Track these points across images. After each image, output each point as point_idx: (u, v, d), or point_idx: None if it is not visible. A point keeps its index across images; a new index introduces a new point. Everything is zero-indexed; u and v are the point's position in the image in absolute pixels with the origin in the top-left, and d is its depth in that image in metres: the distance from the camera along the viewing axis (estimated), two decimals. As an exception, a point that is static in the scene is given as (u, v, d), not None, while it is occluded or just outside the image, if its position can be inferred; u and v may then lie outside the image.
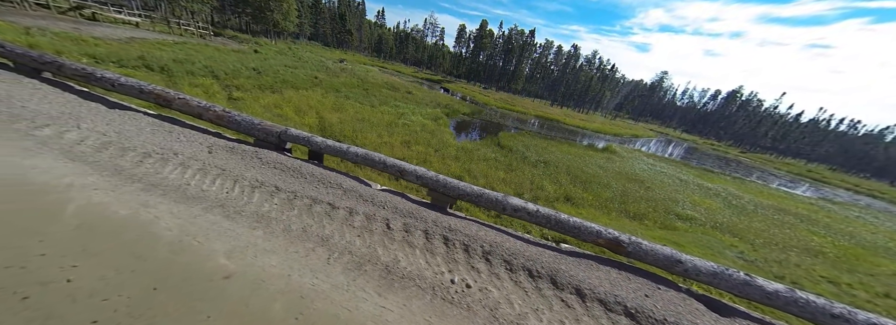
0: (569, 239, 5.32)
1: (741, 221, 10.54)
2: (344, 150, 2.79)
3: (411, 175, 2.57)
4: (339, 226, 2.02)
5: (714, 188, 16.21)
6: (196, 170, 2.30)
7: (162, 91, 2.98)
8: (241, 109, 11.67)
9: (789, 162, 59.39)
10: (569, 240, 6.08)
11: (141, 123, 2.77)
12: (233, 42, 30.84)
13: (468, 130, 23.25)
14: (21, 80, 2.82)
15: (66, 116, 2.47)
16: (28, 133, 2.13)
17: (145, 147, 2.39)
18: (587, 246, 5.35)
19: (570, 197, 10.71)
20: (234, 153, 2.67)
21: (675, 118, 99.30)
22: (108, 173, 1.98)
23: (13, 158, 1.81)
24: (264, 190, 2.26)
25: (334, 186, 2.48)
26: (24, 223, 1.40)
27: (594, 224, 2.05)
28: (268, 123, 3.00)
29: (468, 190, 2.39)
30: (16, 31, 10.78)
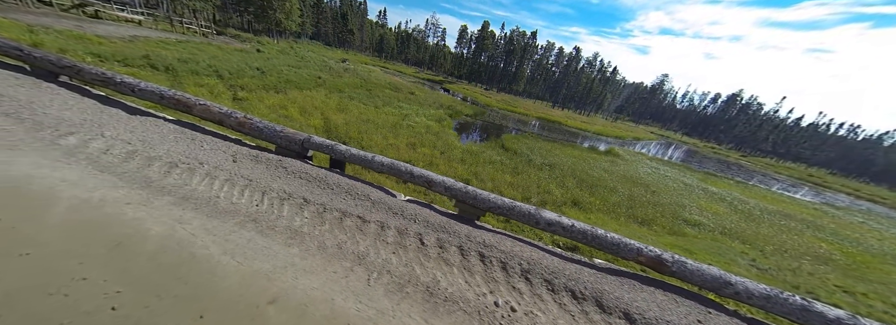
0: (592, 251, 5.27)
1: (749, 226, 10.50)
2: (369, 159, 2.73)
3: (439, 186, 2.52)
4: (373, 242, 1.96)
5: (719, 193, 16.20)
6: (223, 181, 2.24)
7: (182, 97, 2.92)
8: (247, 110, 11.60)
9: (790, 166, 59.54)
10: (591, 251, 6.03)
11: (163, 130, 2.70)
12: (235, 41, 30.76)
13: (472, 132, 23.22)
14: (39, 84, 2.76)
15: (89, 124, 2.41)
16: (53, 142, 2.06)
17: (171, 156, 2.33)
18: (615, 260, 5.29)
19: (578, 201, 10.67)
20: (259, 162, 2.61)
21: (675, 121, 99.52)
22: (137, 185, 1.92)
23: (42, 171, 1.75)
24: (293, 202, 2.20)
25: (362, 197, 2.42)
26: (62, 244, 1.34)
27: (633, 241, 1.99)
28: (290, 130, 2.94)
29: (498, 203, 2.34)
30: (20, 29, 10.68)
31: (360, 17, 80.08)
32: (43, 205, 1.52)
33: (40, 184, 1.65)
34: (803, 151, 70.60)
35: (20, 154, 1.83)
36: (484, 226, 2.48)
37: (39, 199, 1.56)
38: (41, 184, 1.65)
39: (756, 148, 73.28)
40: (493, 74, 75.15)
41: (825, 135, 76.38)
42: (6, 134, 1.98)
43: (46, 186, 1.65)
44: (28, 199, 1.53)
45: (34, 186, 1.63)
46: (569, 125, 42.71)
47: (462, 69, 79.96)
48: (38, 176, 1.70)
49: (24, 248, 1.27)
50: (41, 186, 1.64)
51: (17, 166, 1.72)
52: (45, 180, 1.69)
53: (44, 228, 1.40)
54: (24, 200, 1.52)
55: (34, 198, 1.55)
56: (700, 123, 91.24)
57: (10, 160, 1.75)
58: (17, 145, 1.91)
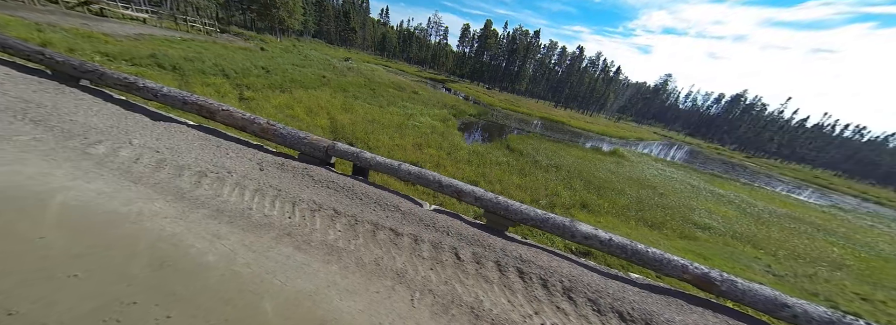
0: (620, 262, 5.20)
1: (759, 230, 10.42)
2: (395, 167, 2.67)
3: (469, 196, 2.46)
4: (409, 257, 1.91)
5: (726, 195, 16.08)
6: (253, 191, 2.19)
7: (205, 102, 2.87)
8: (253, 110, 11.56)
9: (795, 168, 59.14)
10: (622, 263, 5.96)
11: (188, 137, 2.66)
12: (239, 39, 30.71)
13: (477, 132, 23.14)
14: (63, 89, 2.71)
15: (116, 131, 2.36)
16: (84, 151, 2.02)
17: (199, 165, 2.28)
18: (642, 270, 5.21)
19: (586, 204, 10.60)
20: (285, 171, 2.56)
21: (678, 121, 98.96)
22: (171, 197, 1.87)
23: (78, 182, 1.70)
24: (324, 214, 2.15)
25: (391, 208, 2.37)
26: (108, 263, 1.29)
27: (677, 257, 1.93)
28: (314, 137, 2.89)
29: (531, 214, 2.28)
30: (28, 28, 10.66)
31: (362, 16, 79.87)
32: (84, 221, 1.48)
33: (78, 198, 1.61)
34: (808, 153, 70.12)
35: (55, 165, 1.79)
36: (515, 238, 2.43)
37: (79, 214, 1.51)
38: (79, 198, 1.61)
39: (760, 149, 72.83)
40: (495, 74, 74.84)
41: (830, 136, 75.79)
42: (39, 143, 1.94)
43: (84, 200, 1.61)
44: (68, 214, 1.49)
45: (73, 200, 1.58)
46: (572, 125, 42.54)
47: (464, 68, 79.66)
48: (75, 189, 1.66)
49: (71, 268, 1.23)
50: (79, 200, 1.60)
51: (55, 179, 1.68)
52: (82, 193, 1.64)
53: (87, 246, 1.36)
54: (66, 215, 1.48)
55: (74, 213, 1.51)
56: (703, 123, 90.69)
57: (47, 172, 1.70)
58: (51, 155, 1.87)
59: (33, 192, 1.55)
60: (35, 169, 1.71)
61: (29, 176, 1.65)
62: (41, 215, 1.43)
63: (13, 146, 1.84)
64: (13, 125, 2.05)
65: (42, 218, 1.42)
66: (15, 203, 1.45)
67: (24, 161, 1.74)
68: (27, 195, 1.53)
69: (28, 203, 1.48)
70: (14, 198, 1.48)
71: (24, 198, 1.51)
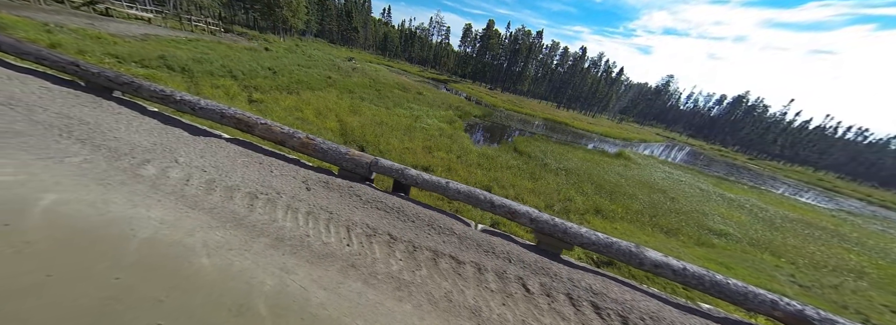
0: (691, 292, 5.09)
1: (775, 236, 10.32)
2: (443, 186, 2.57)
3: (523, 217, 2.36)
4: (478, 290, 1.81)
5: (737, 199, 15.98)
6: (306, 214, 2.09)
7: (243, 116, 2.77)
8: (264, 113, 11.46)
9: (798, 170, 59.01)
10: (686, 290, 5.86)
11: (228, 153, 2.56)
12: (242, 39, 30.57)
13: (483, 134, 23.03)
14: (100, 102, 2.61)
15: (160, 148, 2.27)
16: (135, 173, 1.92)
17: (248, 185, 2.19)
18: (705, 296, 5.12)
19: (600, 209, 10.51)
20: (331, 190, 2.46)
21: (680, 123, 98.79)
22: (230, 224, 1.78)
23: (138, 210, 1.61)
24: (381, 240, 2.05)
25: (446, 231, 2.27)
26: (190, 310, 1.19)
27: (764, 291, 1.83)
28: (355, 152, 2.79)
29: (592, 238, 2.18)
30: (36, 29, 10.56)
31: (364, 15, 79.68)
32: (154, 257, 1.38)
33: (143, 229, 1.51)
34: (811, 155, 69.99)
35: (112, 191, 1.69)
36: (577, 264, 2.33)
37: (149, 249, 1.42)
38: (144, 229, 1.51)
39: (763, 151, 72.70)
40: (497, 74, 74.69)
41: (832, 138, 75.62)
42: (91, 166, 1.84)
43: (150, 232, 1.51)
44: (140, 250, 1.39)
45: (138, 231, 1.49)
46: (575, 127, 42.42)
47: (466, 68, 79.49)
48: (137, 218, 1.57)
49: (154, 317, 1.13)
50: (144, 231, 1.50)
51: (116, 207, 1.58)
52: (145, 223, 1.55)
53: (165, 288, 1.26)
54: (137, 251, 1.38)
55: (144, 248, 1.41)
56: (705, 124, 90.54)
57: (106, 199, 1.61)
58: (106, 180, 1.77)
59: (101, 224, 1.46)
60: (95, 196, 1.62)
61: (91, 204, 1.55)
62: (114, 252, 1.33)
63: (68, 170, 1.75)
64: (61, 145, 1.95)
65: (115, 255, 1.32)
66: (88, 238, 1.36)
67: (83, 187, 1.65)
68: (96, 228, 1.43)
69: (99, 237, 1.39)
70: (85, 232, 1.39)
71: (94, 231, 1.41)
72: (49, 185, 1.59)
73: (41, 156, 1.79)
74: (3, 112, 2.04)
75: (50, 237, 1.31)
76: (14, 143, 1.81)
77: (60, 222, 1.41)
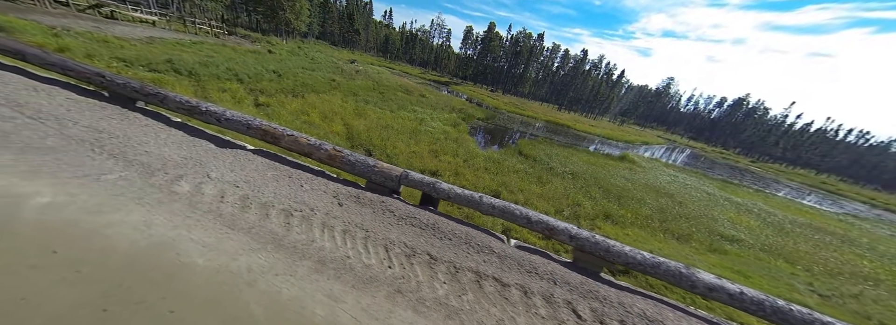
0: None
1: (786, 242, 10.23)
2: (476, 200, 2.51)
3: (562, 234, 2.30)
4: (529, 317, 1.74)
5: (744, 203, 15.90)
6: (342, 232, 2.03)
7: (269, 127, 2.72)
8: (271, 117, 11.42)
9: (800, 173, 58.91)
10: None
11: (256, 166, 2.50)
12: (246, 41, 30.66)
13: (487, 137, 23.00)
14: (126, 114, 2.56)
15: (191, 163, 2.21)
16: (170, 190, 1.86)
17: (281, 201, 2.13)
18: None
19: (610, 214, 10.44)
20: (363, 205, 2.40)
21: (681, 125, 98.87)
22: (270, 245, 1.71)
23: (179, 232, 1.55)
24: (421, 260, 1.99)
25: (484, 249, 2.20)
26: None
27: (831, 318, 1.74)
28: (384, 164, 2.73)
29: (638, 258, 2.11)
30: (44, 32, 10.55)
31: (365, 17, 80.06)
32: (204, 286, 1.32)
33: (188, 253, 1.45)
34: (813, 158, 69.93)
35: (152, 211, 1.63)
36: (622, 284, 2.25)
37: (198, 276, 1.35)
38: (189, 253, 1.45)
39: (765, 153, 72.67)
40: (498, 76, 74.89)
41: (834, 141, 75.62)
42: (127, 184, 1.78)
43: (194, 256, 1.45)
44: (189, 278, 1.33)
45: (184, 257, 1.42)
46: (577, 129, 42.45)
47: (467, 70, 79.71)
48: (180, 241, 1.50)
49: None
50: (189, 255, 1.44)
51: (157, 229, 1.52)
52: (189, 247, 1.48)
53: (218, 321, 1.20)
54: (187, 280, 1.32)
55: (193, 276, 1.35)
56: (706, 127, 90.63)
57: (147, 221, 1.55)
58: (143, 199, 1.71)
59: (147, 249, 1.40)
60: (137, 217, 1.56)
61: (134, 227, 1.49)
62: (163, 280, 1.27)
63: (105, 189, 1.69)
64: (95, 161, 1.89)
65: (165, 284, 1.26)
66: (137, 265, 1.30)
67: (122, 208, 1.59)
68: (143, 253, 1.37)
69: (149, 266, 1.32)
70: (133, 258, 1.32)
71: (142, 257, 1.35)
72: (90, 206, 1.53)
73: (77, 174, 1.73)
74: (35, 127, 1.99)
75: (100, 265, 1.25)
76: (49, 160, 1.76)
77: (107, 247, 1.35)
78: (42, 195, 1.50)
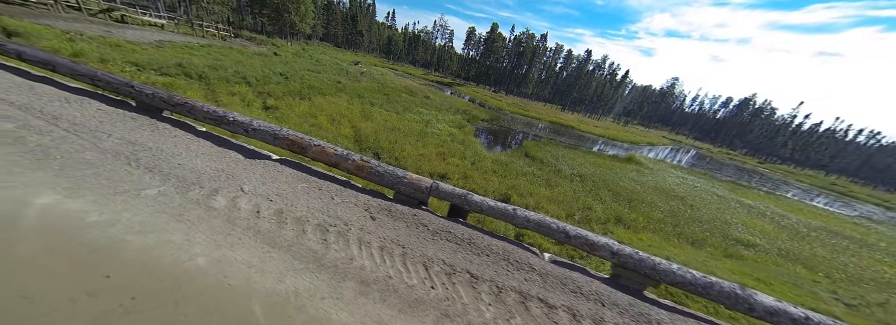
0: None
1: (803, 247, 10.03)
2: (510, 214, 2.45)
3: (603, 250, 2.23)
4: None
5: (756, 206, 15.64)
6: (379, 249, 1.98)
7: (296, 137, 2.68)
8: (280, 120, 11.46)
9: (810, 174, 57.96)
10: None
11: (285, 177, 2.47)
12: (252, 44, 30.92)
13: (493, 139, 22.92)
14: (155, 124, 2.54)
15: (223, 175, 2.18)
16: (207, 205, 1.83)
17: (315, 216, 2.08)
18: None
19: (621, 218, 10.31)
20: (395, 218, 2.35)
21: (685, 125, 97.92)
22: (312, 264, 1.67)
23: (223, 252, 1.51)
24: (462, 279, 1.93)
25: (524, 267, 2.14)
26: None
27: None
28: (413, 175, 2.68)
29: (687, 277, 2.03)
30: (58, 37, 10.68)
31: (368, 19, 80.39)
32: (261, 312, 1.27)
33: (235, 275, 1.41)
34: (822, 159, 68.82)
35: (193, 229, 1.59)
36: (672, 306, 2.17)
37: (243, 297, 1.31)
38: (235, 275, 1.41)
39: (773, 154, 71.66)
40: (501, 76, 74.76)
41: (843, 141, 74.38)
42: (166, 200, 1.75)
43: (241, 278, 1.40)
44: (236, 300, 1.28)
45: (230, 277, 1.38)
46: (582, 130, 42.21)
47: (469, 71, 79.71)
48: (225, 261, 1.46)
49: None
50: (236, 277, 1.40)
51: (201, 249, 1.48)
52: (236, 269, 1.44)
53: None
54: (235, 303, 1.27)
55: (238, 297, 1.30)
56: (711, 127, 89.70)
57: (191, 240, 1.51)
58: (184, 215, 1.68)
59: (195, 271, 1.36)
60: (180, 236, 1.52)
61: (179, 247, 1.45)
62: (215, 307, 1.22)
63: (146, 205, 1.65)
64: (133, 176, 1.86)
65: (218, 311, 1.21)
66: (188, 291, 1.25)
67: (165, 227, 1.55)
68: (191, 276, 1.33)
69: (198, 290, 1.28)
70: (183, 282, 1.28)
71: (192, 281, 1.31)
72: (134, 225, 1.50)
73: (118, 190, 1.70)
74: (72, 140, 1.97)
75: (152, 291, 1.21)
76: (89, 175, 1.73)
77: (156, 270, 1.31)
78: (88, 214, 1.47)
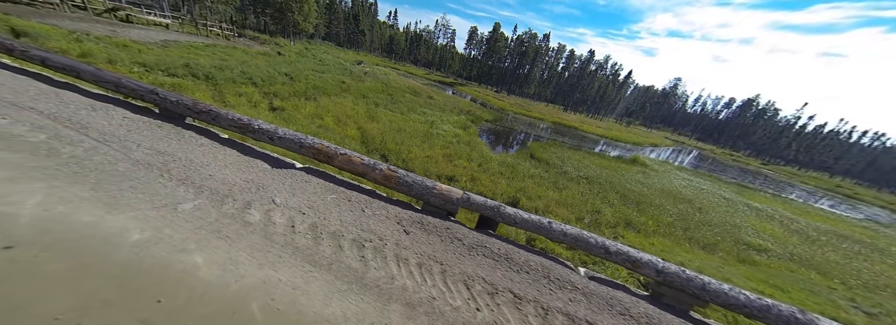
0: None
1: (814, 251, 9.92)
2: (546, 227, 2.37)
3: (648, 268, 2.14)
4: None
5: (764, 209, 15.52)
6: (417, 266, 1.91)
7: (322, 146, 2.62)
8: (287, 121, 11.40)
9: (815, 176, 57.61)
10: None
11: (314, 188, 2.40)
12: (255, 43, 30.89)
13: (498, 140, 22.84)
14: (180, 132, 2.48)
15: (254, 187, 2.11)
16: (243, 220, 1.77)
17: (349, 230, 2.02)
18: None
19: (631, 222, 10.22)
20: (429, 232, 2.28)
21: (688, 126, 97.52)
22: (355, 285, 1.60)
23: (267, 272, 1.45)
24: (505, 299, 1.85)
25: (566, 285, 2.07)
26: None
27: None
28: (443, 186, 2.61)
29: (741, 299, 1.91)
30: (66, 38, 10.65)
31: (370, 18, 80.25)
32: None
33: (280, 297, 1.35)
34: (826, 160, 68.41)
35: (233, 246, 1.53)
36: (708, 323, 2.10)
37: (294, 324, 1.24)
38: (281, 297, 1.35)
39: (776, 155, 71.26)
40: (503, 76, 74.58)
41: (847, 143, 73.88)
42: (203, 214, 1.69)
43: (288, 301, 1.34)
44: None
45: (277, 301, 1.32)
46: (585, 130, 42.09)
47: (471, 71, 79.55)
48: (270, 283, 1.40)
49: None
50: (282, 300, 1.34)
51: (245, 269, 1.42)
52: (282, 291, 1.38)
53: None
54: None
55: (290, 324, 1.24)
56: (714, 128, 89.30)
57: (233, 259, 1.45)
58: (222, 231, 1.61)
59: (243, 294, 1.29)
60: (222, 255, 1.46)
61: (223, 267, 1.39)
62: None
63: (185, 221, 1.59)
64: (167, 188, 1.80)
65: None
66: (241, 317, 1.19)
67: (206, 244, 1.49)
68: (241, 300, 1.26)
69: (249, 316, 1.21)
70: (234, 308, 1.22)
71: (241, 305, 1.24)
72: (177, 243, 1.43)
73: (155, 204, 1.64)
74: (104, 151, 1.91)
75: (205, 317, 1.15)
76: (126, 189, 1.67)
77: (205, 294, 1.25)
78: (130, 231, 1.40)
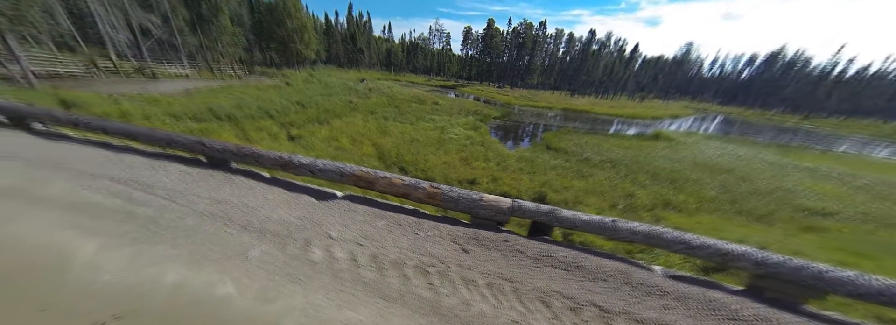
0: None
1: (891, 207, 8.88)
2: (610, 226, 2.25)
3: (744, 261, 1.93)
4: None
5: (817, 168, 14.18)
6: (487, 287, 1.87)
7: (363, 172, 2.66)
8: (306, 148, 11.86)
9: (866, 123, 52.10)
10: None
11: (363, 216, 2.45)
12: (265, 78, 32.61)
13: (510, 135, 22.54)
14: (230, 178, 2.64)
15: (308, 223, 2.18)
16: (308, 259, 1.83)
17: (408, 256, 2.02)
18: None
19: (669, 202, 9.65)
20: (488, 248, 2.24)
21: (708, 91, 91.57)
22: (433, 318, 1.59)
23: (346, 313, 1.47)
24: (591, 315, 1.72)
25: (653, 290, 1.92)
26: None
27: None
28: (490, 197, 2.57)
29: (875, 285, 1.61)
30: (106, 102, 11.73)
31: (366, 35, 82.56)
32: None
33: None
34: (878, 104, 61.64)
35: (307, 289, 1.59)
36: (854, 322, 1.87)
37: None
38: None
39: (816, 108, 65.17)
40: (503, 71, 73.91)
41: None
42: (271, 259, 1.76)
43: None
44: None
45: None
46: (597, 112, 40.63)
47: (470, 70, 79.53)
48: (350, 324, 1.41)
49: None
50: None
51: (326, 312, 1.46)
52: (362, 329, 1.38)
53: None
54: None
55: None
56: (738, 89, 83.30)
57: (313, 303, 1.49)
58: (293, 274, 1.68)
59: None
60: (300, 300, 1.50)
61: (304, 313, 1.43)
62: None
63: (258, 268, 1.67)
64: (232, 236, 1.90)
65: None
66: None
67: (283, 290, 1.54)
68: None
69: None
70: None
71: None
72: (258, 292, 1.50)
73: (227, 254, 1.73)
74: (172, 208, 2.05)
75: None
76: (198, 242, 1.77)
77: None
78: (215, 286, 1.48)
